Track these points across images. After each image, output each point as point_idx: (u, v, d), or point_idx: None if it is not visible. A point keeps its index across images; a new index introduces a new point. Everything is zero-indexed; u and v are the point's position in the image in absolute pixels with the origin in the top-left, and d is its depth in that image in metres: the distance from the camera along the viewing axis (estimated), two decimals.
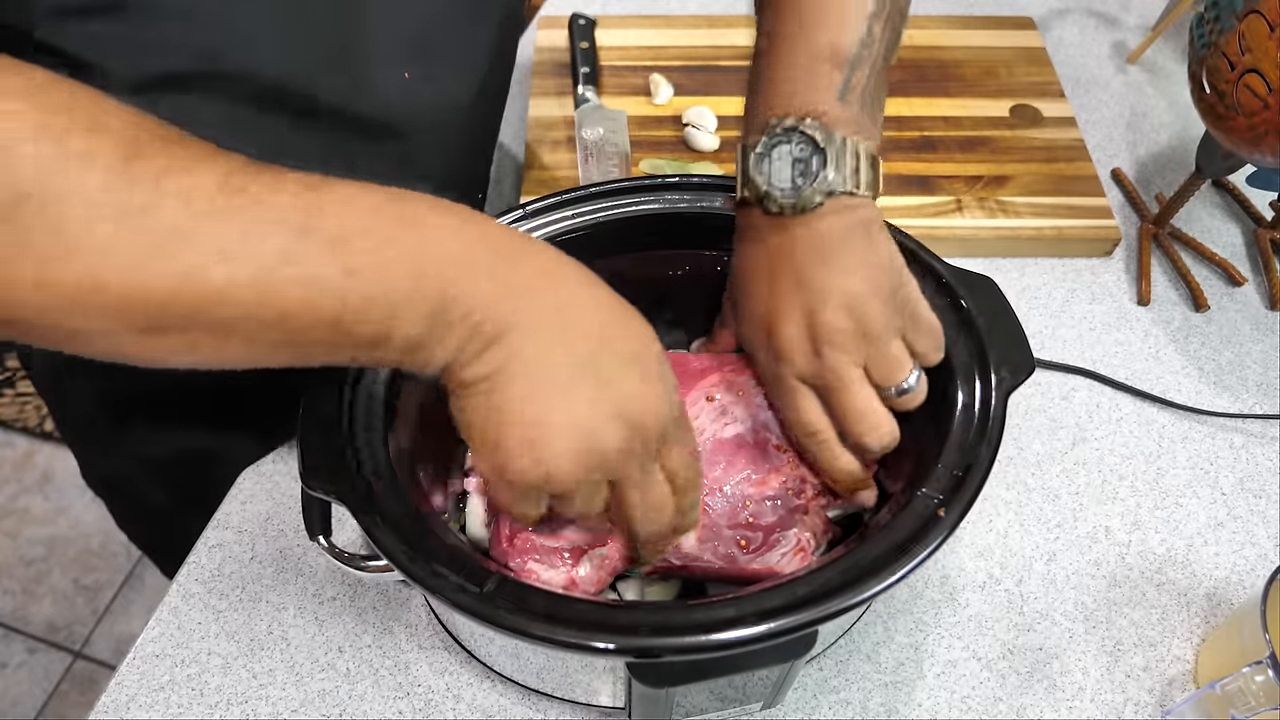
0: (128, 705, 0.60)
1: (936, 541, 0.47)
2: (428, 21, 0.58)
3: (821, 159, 0.50)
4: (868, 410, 0.51)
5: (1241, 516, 0.69)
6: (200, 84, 0.51)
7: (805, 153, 0.51)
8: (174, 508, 0.81)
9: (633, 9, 1.02)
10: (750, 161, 0.52)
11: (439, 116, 0.62)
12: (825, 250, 0.51)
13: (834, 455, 0.53)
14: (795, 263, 0.52)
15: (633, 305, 0.46)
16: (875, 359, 0.51)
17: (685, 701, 0.49)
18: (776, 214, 0.51)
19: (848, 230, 0.51)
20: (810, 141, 0.50)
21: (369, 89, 0.57)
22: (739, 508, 0.54)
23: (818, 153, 0.50)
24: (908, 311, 0.52)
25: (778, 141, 0.51)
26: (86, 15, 0.47)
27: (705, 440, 0.56)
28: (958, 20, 0.99)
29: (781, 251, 0.52)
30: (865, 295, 0.50)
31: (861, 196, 0.51)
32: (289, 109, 0.55)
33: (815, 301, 0.51)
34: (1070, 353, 0.78)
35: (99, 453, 0.86)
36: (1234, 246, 0.85)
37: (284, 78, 0.54)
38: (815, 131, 0.50)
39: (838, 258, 0.51)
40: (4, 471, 1.70)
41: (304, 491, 0.52)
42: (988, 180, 0.85)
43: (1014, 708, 0.61)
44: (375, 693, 0.61)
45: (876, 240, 0.52)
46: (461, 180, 0.72)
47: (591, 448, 0.42)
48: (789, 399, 0.53)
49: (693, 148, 0.87)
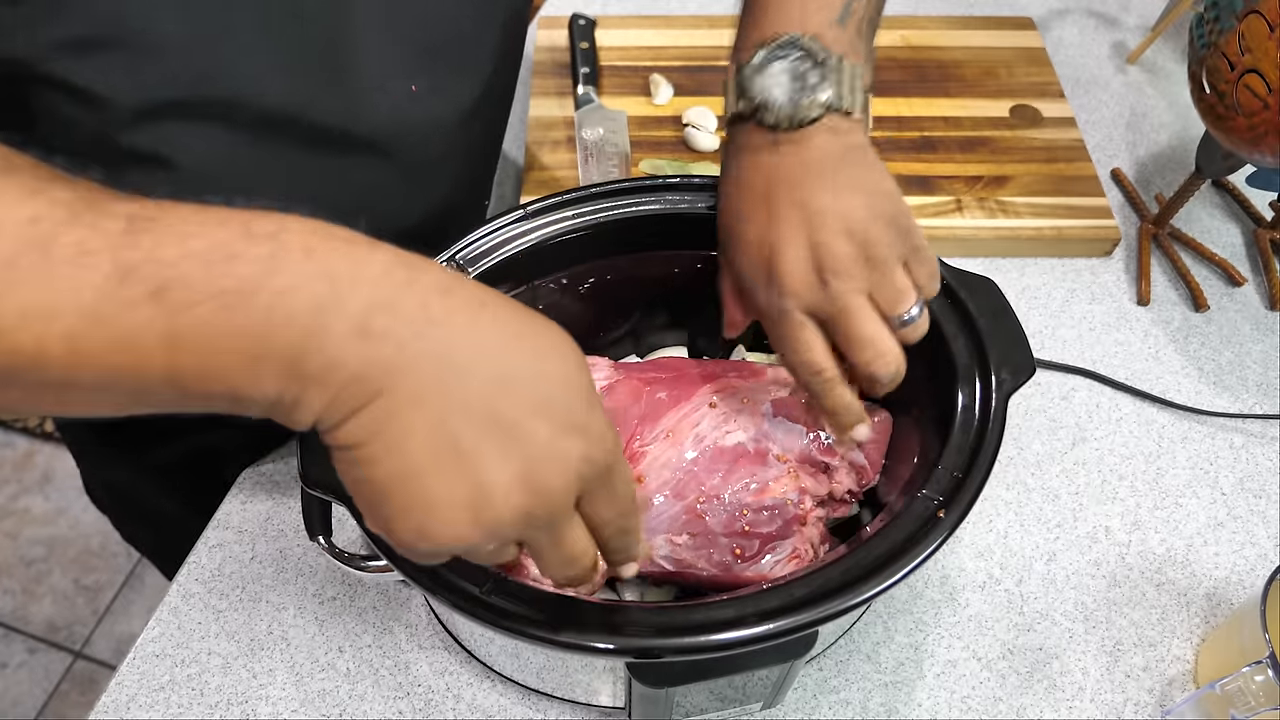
0: (128, 705, 0.60)
1: (936, 543, 0.47)
2: (432, 31, 0.57)
3: (820, 72, 0.49)
4: (876, 337, 0.50)
5: (1241, 516, 0.69)
6: (201, 110, 0.51)
7: (803, 67, 0.50)
8: (175, 511, 0.81)
9: (633, 9, 1.02)
10: (746, 74, 0.51)
11: (445, 125, 0.61)
12: (823, 170, 0.50)
13: (840, 392, 0.52)
14: (792, 182, 0.50)
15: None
16: (880, 285, 0.50)
17: (685, 701, 0.49)
18: (772, 127, 0.50)
19: (844, 151, 0.50)
20: (809, 55, 0.49)
21: (373, 106, 0.57)
22: (736, 516, 0.54)
23: (816, 66, 0.49)
24: (908, 239, 0.51)
25: (774, 57, 0.50)
26: (90, 48, 0.47)
27: (706, 446, 0.56)
28: (958, 20, 0.99)
29: (778, 172, 0.51)
30: (867, 219, 0.49)
31: (855, 120, 0.50)
32: (292, 131, 0.55)
33: (817, 224, 0.49)
34: (1070, 353, 0.78)
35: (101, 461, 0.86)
36: (1234, 246, 0.85)
37: (285, 101, 0.53)
38: (813, 45, 0.50)
39: (836, 179, 0.50)
40: (4, 471, 1.70)
41: (304, 491, 0.52)
42: (988, 180, 0.85)
43: (1014, 708, 0.61)
44: (375, 693, 0.61)
45: (873, 164, 0.51)
46: (467, 186, 0.72)
47: (481, 520, 0.35)
48: (793, 336, 0.51)
49: (693, 148, 0.87)
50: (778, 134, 0.50)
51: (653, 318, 0.68)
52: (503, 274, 0.59)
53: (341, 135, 0.57)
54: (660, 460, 0.55)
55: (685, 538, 0.54)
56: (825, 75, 0.49)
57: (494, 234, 0.59)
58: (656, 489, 0.55)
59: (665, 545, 0.54)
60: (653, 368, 0.61)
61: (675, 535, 0.54)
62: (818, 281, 0.49)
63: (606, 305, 0.65)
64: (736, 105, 0.52)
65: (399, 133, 0.59)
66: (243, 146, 0.54)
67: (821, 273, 0.49)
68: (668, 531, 0.54)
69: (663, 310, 0.68)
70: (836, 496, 0.57)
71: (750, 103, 0.50)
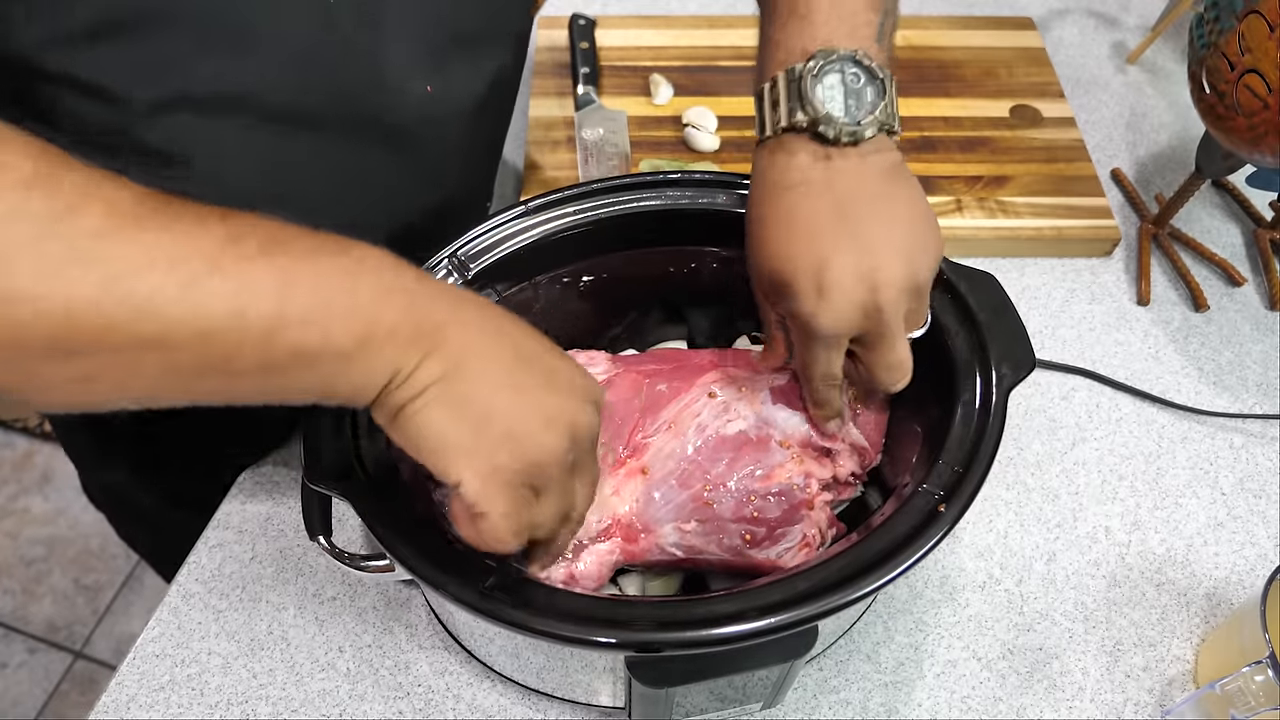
0: (128, 705, 0.60)
1: (937, 537, 0.47)
2: (444, 28, 0.57)
3: (875, 89, 0.49)
4: (905, 362, 0.51)
5: (1241, 516, 0.69)
6: (214, 105, 0.51)
7: (859, 83, 0.49)
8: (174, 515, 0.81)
9: (633, 9, 1.02)
10: (806, 83, 0.49)
11: (454, 122, 0.61)
12: (874, 192, 0.50)
13: (837, 395, 0.54)
14: (846, 199, 0.49)
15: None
16: (915, 311, 0.51)
17: (685, 701, 0.49)
18: (828, 142, 0.49)
19: (891, 171, 0.50)
20: (867, 72, 0.49)
21: (387, 102, 0.57)
22: (743, 502, 0.54)
23: (872, 82, 0.49)
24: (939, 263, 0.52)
25: (830, 69, 0.49)
26: (90, 40, 0.47)
27: (708, 436, 0.56)
28: (958, 20, 0.99)
29: (831, 187, 0.50)
30: (917, 249, 0.49)
31: (894, 137, 0.51)
32: (305, 126, 0.55)
33: (873, 249, 0.49)
34: (1070, 353, 0.78)
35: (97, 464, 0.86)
36: (1234, 246, 0.85)
37: (299, 96, 0.53)
38: (866, 60, 0.49)
39: (890, 203, 0.50)
40: (4, 471, 1.69)
41: (304, 491, 0.53)
42: (987, 180, 0.85)
43: (1014, 708, 0.61)
44: (375, 693, 0.60)
45: (916, 186, 0.51)
46: (472, 183, 0.72)
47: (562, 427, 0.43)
48: (825, 351, 0.52)
49: (693, 148, 0.87)
50: (829, 148, 0.49)
51: (653, 313, 0.68)
52: (503, 270, 0.59)
53: (357, 129, 0.57)
54: (664, 451, 0.56)
55: (694, 524, 0.54)
56: (879, 92, 0.49)
57: (495, 230, 0.59)
58: (662, 479, 0.55)
59: (674, 533, 0.54)
60: (651, 360, 0.61)
61: (684, 523, 0.54)
62: (869, 305, 0.49)
63: (607, 301, 0.65)
64: (793, 115, 0.49)
65: (413, 127, 0.59)
66: (256, 142, 0.53)
67: (875, 299, 0.49)
68: (675, 520, 0.54)
69: (663, 306, 0.68)
70: (841, 479, 0.57)
71: (811, 111, 0.49)
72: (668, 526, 0.54)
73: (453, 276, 0.58)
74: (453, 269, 0.58)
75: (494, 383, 0.42)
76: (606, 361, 0.60)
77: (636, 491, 0.55)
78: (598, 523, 0.54)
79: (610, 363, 0.60)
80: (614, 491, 0.55)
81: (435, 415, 0.41)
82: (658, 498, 0.54)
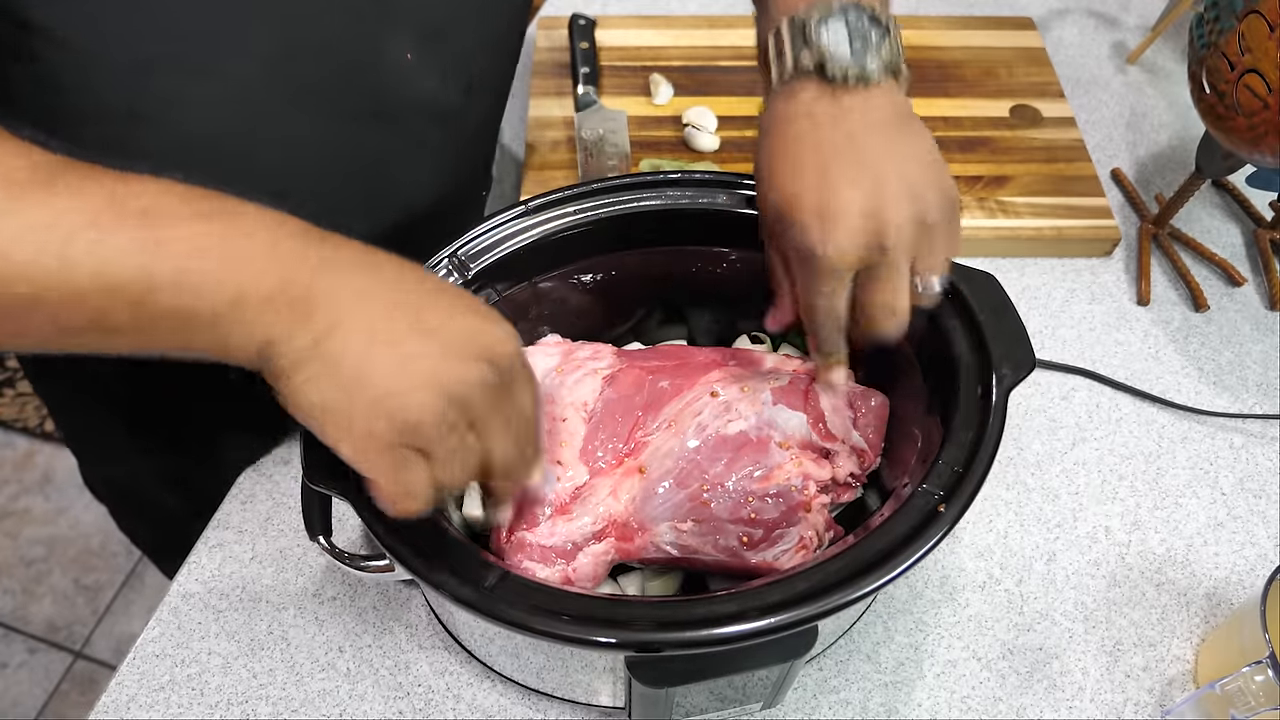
0: (128, 705, 0.60)
1: (936, 537, 0.47)
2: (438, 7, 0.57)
3: (879, 32, 0.50)
4: (902, 304, 0.50)
5: (1241, 516, 0.69)
6: (196, 67, 0.50)
7: (863, 27, 0.50)
8: (175, 509, 0.81)
9: (633, 9, 1.02)
10: (811, 27, 0.50)
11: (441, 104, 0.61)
12: (885, 129, 0.50)
13: (839, 336, 0.53)
14: (853, 136, 0.49)
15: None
16: (924, 252, 0.50)
17: (685, 701, 0.49)
18: (834, 81, 0.49)
19: (899, 114, 0.50)
20: (871, 17, 0.50)
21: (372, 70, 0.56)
22: (741, 503, 0.54)
23: (877, 26, 0.50)
24: (953, 209, 0.51)
25: (837, 14, 0.50)
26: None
27: (708, 435, 0.56)
28: (958, 20, 0.99)
29: (839, 125, 0.50)
30: (925, 186, 0.49)
31: (902, 84, 0.51)
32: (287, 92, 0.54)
33: (880, 184, 0.49)
34: (1070, 353, 0.78)
35: (99, 456, 0.86)
36: (1234, 246, 0.85)
37: (283, 60, 0.52)
38: (872, 6, 0.50)
39: (897, 141, 0.50)
40: (4, 471, 1.69)
41: (304, 491, 0.52)
42: (988, 180, 0.85)
43: (1014, 708, 0.61)
44: (375, 693, 0.60)
45: (923, 130, 0.51)
46: (466, 173, 0.72)
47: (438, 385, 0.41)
48: (826, 283, 0.51)
49: (693, 148, 0.87)
50: (836, 88, 0.50)
51: (654, 313, 0.68)
52: (503, 270, 0.59)
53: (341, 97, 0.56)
54: (663, 449, 0.56)
55: (690, 524, 0.54)
56: (884, 35, 0.50)
57: (495, 230, 0.59)
58: (660, 478, 0.55)
59: (670, 532, 0.54)
60: (655, 355, 0.61)
61: (680, 523, 0.54)
62: (873, 240, 0.49)
63: (607, 301, 0.65)
64: (798, 56, 0.50)
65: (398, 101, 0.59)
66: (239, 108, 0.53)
67: (880, 233, 0.48)
68: (672, 519, 0.54)
69: (663, 306, 0.68)
70: (839, 481, 0.57)
71: (817, 53, 0.49)
72: (663, 525, 0.54)
73: (453, 276, 0.58)
74: (453, 269, 0.58)
75: (367, 345, 0.41)
76: (612, 355, 0.60)
77: (633, 490, 0.55)
78: (593, 523, 0.54)
79: (615, 356, 0.60)
80: (611, 491, 0.55)
81: (313, 383, 0.41)
82: (654, 496, 0.54)
